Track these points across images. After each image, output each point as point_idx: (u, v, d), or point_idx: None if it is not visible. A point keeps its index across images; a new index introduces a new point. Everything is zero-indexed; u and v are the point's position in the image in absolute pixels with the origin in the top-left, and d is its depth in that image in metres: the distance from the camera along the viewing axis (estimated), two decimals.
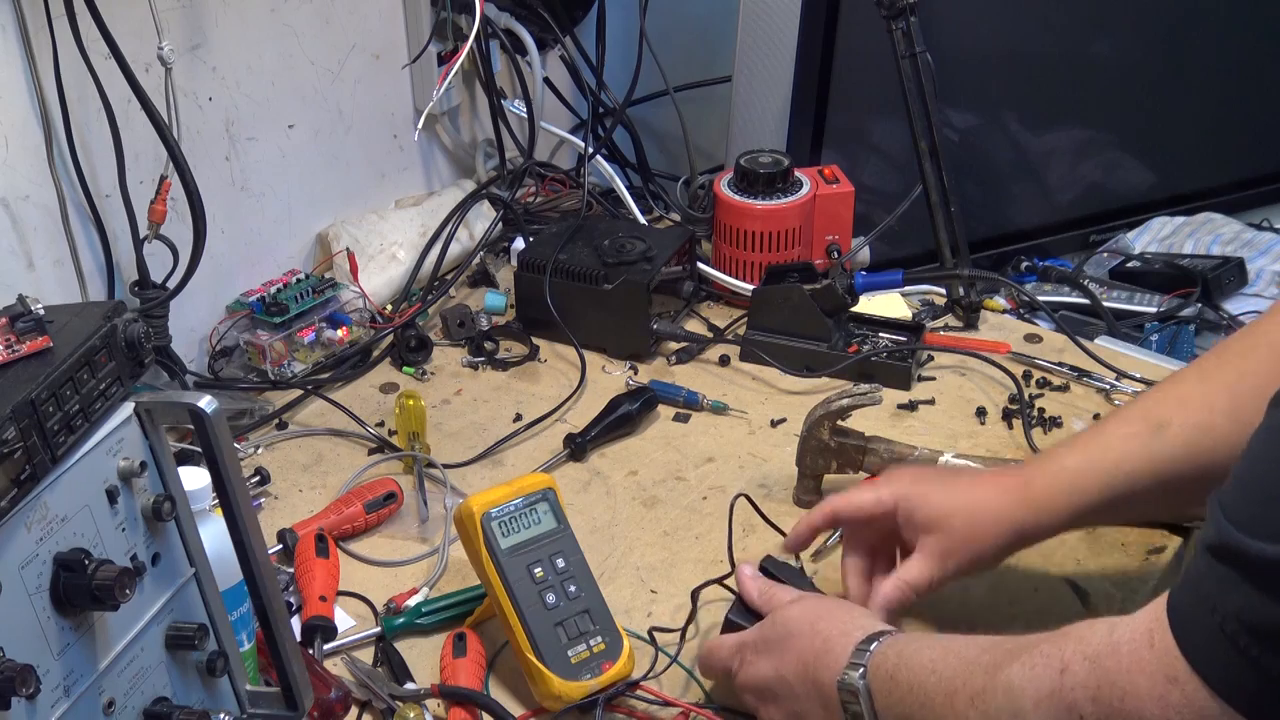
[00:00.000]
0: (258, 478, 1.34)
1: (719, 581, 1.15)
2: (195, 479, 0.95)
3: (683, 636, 1.11)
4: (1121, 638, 0.74)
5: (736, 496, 1.19)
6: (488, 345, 1.57)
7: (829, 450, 1.28)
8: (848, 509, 1.09)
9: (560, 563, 1.09)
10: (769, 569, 1.08)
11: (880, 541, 1.10)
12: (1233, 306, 1.67)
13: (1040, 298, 1.64)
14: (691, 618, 1.13)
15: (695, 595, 1.14)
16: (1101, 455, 1.01)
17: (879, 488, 1.08)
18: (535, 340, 1.58)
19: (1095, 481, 1.01)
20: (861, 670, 0.90)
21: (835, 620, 0.96)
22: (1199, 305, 1.65)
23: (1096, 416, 1.41)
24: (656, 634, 1.12)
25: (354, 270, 1.60)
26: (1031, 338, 1.57)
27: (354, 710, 1.07)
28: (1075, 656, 0.76)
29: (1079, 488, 1.01)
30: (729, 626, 1.06)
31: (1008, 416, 1.43)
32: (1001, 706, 0.79)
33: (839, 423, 1.28)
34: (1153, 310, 1.66)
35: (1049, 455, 1.06)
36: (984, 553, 1.03)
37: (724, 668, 1.03)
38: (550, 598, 1.07)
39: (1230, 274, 1.68)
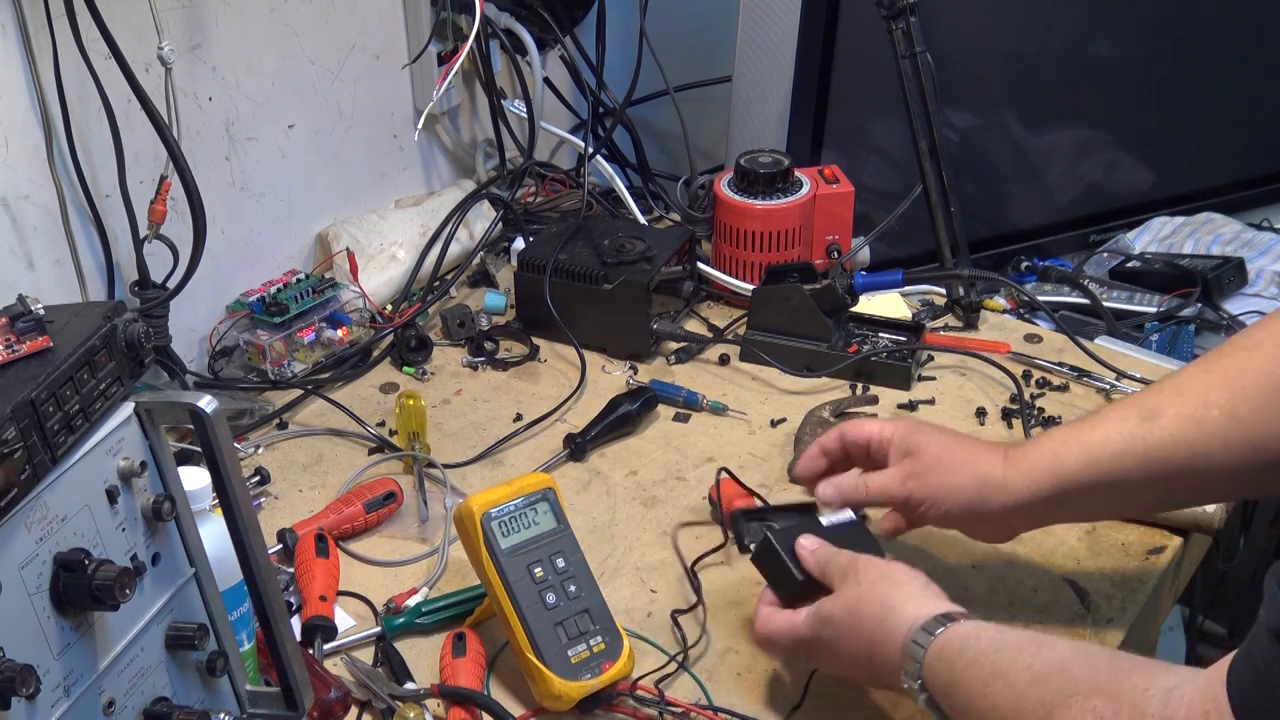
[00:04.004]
0: (258, 478, 1.34)
1: (711, 552, 1.20)
2: (195, 479, 0.95)
3: (704, 624, 1.14)
4: (1175, 713, 0.74)
5: (720, 470, 1.23)
6: (488, 345, 1.57)
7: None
8: (853, 432, 1.13)
9: (560, 563, 1.09)
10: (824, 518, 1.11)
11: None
12: (1233, 306, 1.67)
13: (1040, 298, 1.64)
14: (698, 597, 1.16)
15: (694, 571, 1.18)
16: (1087, 433, 1.02)
17: (887, 423, 1.12)
18: (535, 340, 1.58)
19: (1076, 455, 1.02)
20: (920, 680, 0.92)
21: (872, 621, 0.97)
22: (1199, 305, 1.65)
23: None
24: (678, 616, 1.16)
25: (354, 270, 1.60)
26: (1031, 338, 1.57)
27: (354, 710, 1.07)
28: None
29: (1059, 457, 1.02)
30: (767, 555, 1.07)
31: (1008, 416, 1.43)
32: None
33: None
34: (1153, 310, 1.66)
35: (1040, 434, 1.09)
36: (947, 489, 1.05)
37: (787, 653, 1.07)
38: (550, 598, 1.07)
39: (1230, 274, 1.68)
